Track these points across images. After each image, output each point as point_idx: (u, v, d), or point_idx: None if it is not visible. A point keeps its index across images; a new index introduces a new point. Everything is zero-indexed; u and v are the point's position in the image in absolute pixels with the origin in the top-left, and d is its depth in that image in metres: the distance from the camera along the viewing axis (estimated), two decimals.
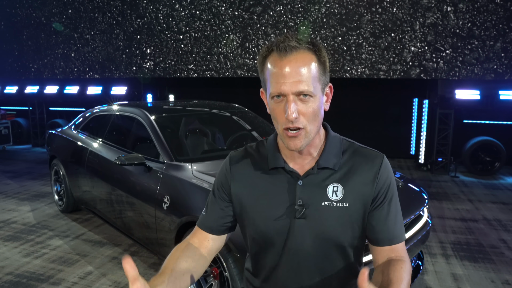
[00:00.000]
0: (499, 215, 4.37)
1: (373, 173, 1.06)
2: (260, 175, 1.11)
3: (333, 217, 1.04)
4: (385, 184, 1.07)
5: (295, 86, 0.95)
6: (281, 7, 6.68)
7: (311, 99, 0.97)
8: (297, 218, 1.05)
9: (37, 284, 2.86)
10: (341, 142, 1.11)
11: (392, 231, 1.07)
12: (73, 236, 3.77)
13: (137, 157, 2.86)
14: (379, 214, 1.07)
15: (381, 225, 1.07)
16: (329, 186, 1.05)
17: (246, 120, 3.74)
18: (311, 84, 0.96)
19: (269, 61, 1.00)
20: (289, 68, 0.96)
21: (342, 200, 1.04)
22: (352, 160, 1.08)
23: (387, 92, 7.33)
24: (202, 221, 1.18)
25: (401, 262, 1.05)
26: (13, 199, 4.95)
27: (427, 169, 6.63)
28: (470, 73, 6.03)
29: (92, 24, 8.00)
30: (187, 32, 7.32)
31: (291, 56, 0.97)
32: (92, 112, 4.22)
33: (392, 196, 1.09)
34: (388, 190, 1.08)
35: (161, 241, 2.73)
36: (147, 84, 8.04)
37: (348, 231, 1.06)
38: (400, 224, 1.10)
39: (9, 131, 8.50)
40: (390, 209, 1.08)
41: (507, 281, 2.90)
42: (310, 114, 0.98)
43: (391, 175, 1.10)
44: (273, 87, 0.98)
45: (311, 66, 0.97)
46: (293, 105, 0.96)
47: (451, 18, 5.95)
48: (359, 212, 1.06)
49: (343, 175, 1.06)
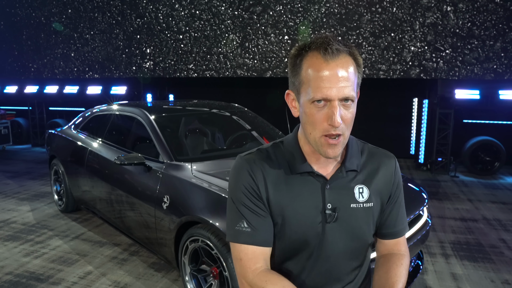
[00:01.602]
0: (498, 214, 4.37)
1: (390, 173, 1.13)
2: (284, 180, 1.05)
3: (361, 218, 1.07)
4: (398, 182, 1.15)
5: (341, 92, 0.92)
6: (281, 7, 6.68)
7: (352, 104, 0.96)
8: (328, 222, 1.03)
9: (36, 284, 2.86)
10: (357, 143, 1.14)
11: (398, 226, 1.16)
12: (73, 236, 3.76)
13: (136, 157, 2.86)
14: (391, 211, 1.14)
15: (391, 221, 1.15)
16: (355, 188, 1.07)
17: (246, 120, 3.74)
18: (354, 89, 0.95)
19: (307, 62, 0.95)
20: (335, 72, 0.92)
21: (367, 201, 1.08)
22: (371, 161, 1.12)
23: (387, 92, 7.33)
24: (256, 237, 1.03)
25: (400, 257, 1.14)
26: (13, 199, 4.95)
27: (427, 169, 6.63)
28: (470, 73, 6.03)
29: (91, 24, 8.00)
30: (187, 32, 7.31)
31: (337, 60, 0.92)
32: (92, 112, 4.22)
33: (401, 193, 1.17)
34: (400, 187, 1.16)
35: (161, 241, 2.73)
36: (147, 84, 8.03)
37: (370, 230, 1.11)
38: (405, 218, 1.19)
39: (9, 131, 8.49)
40: (400, 205, 1.16)
41: (507, 281, 2.90)
42: (350, 120, 0.97)
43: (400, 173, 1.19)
44: (316, 91, 0.93)
45: (353, 71, 0.95)
46: (338, 111, 0.93)
47: (451, 18, 5.95)
48: (378, 211, 1.11)
49: (366, 176, 1.09)
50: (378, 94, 7.38)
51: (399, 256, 1.14)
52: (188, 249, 2.46)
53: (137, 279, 2.93)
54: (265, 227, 1.04)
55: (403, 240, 1.19)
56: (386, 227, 1.15)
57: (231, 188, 1.08)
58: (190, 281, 2.51)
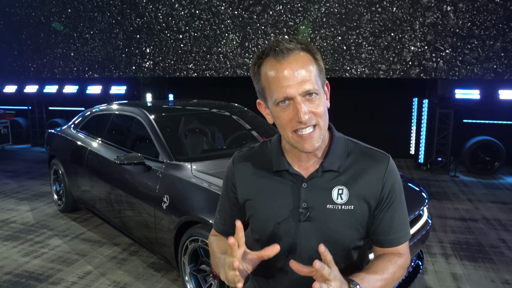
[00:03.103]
0: (498, 214, 4.37)
1: (379, 175, 1.04)
2: (265, 177, 1.09)
3: (338, 220, 1.03)
4: (391, 186, 1.05)
5: (301, 87, 0.93)
6: (281, 7, 6.67)
7: (317, 97, 0.96)
8: (301, 221, 1.04)
9: (36, 283, 2.86)
10: (345, 143, 1.09)
11: (395, 233, 1.06)
12: (72, 235, 3.76)
13: (136, 157, 2.85)
14: (384, 216, 1.05)
15: (385, 228, 1.06)
16: (334, 189, 1.03)
17: (245, 120, 3.73)
18: (315, 82, 0.95)
19: (264, 68, 0.97)
20: (290, 69, 0.93)
21: (347, 203, 1.03)
22: (357, 162, 1.06)
23: (386, 91, 7.33)
24: (218, 226, 1.23)
25: (395, 256, 1.06)
26: (12, 199, 4.94)
27: (427, 169, 6.63)
28: (469, 72, 6.03)
29: (91, 23, 7.99)
30: (187, 32, 7.31)
31: (289, 57, 0.94)
32: (91, 112, 4.21)
33: (397, 198, 1.07)
34: (394, 192, 1.06)
35: (161, 241, 2.72)
36: (147, 83, 8.03)
37: (353, 234, 1.05)
38: (404, 225, 1.09)
39: (9, 131, 8.49)
40: (396, 211, 1.06)
41: (507, 281, 2.89)
42: (321, 112, 0.97)
43: (397, 176, 1.08)
44: (277, 92, 0.95)
45: (311, 65, 0.96)
46: (303, 106, 0.93)
47: (451, 17, 5.94)
48: (364, 215, 1.04)
49: (348, 178, 1.04)
50: (378, 94, 7.38)
51: (391, 255, 1.06)
52: (188, 249, 2.45)
53: (137, 279, 2.92)
54: (227, 220, 1.19)
55: (403, 247, 1.09)
56: (379, 234, 1.07)
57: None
58: (190, 281, 2.50)
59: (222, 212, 1.20)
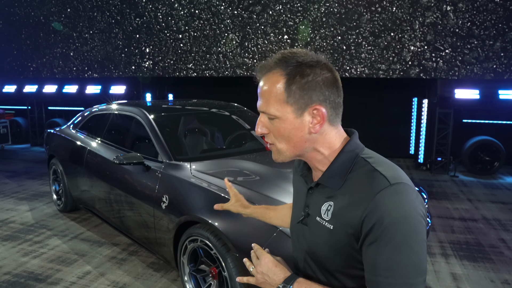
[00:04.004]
0: (498, 214, 4.37)
1: (365, 203, 0.89)
2: (297, 177, 1.21)
3: (321, 236, 0.99)
4: (378, 220, 0.86)
5: (259, 105, 1.02)
6: (281, 6, 6.67)
7: (276, 120, 0.99)
8: (299, 222, 1.10)
9: (35, 284, 2.85)
10: (353, 160, 0.98)
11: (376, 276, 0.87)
12: (72, 235, 3.75)
13: (135, 157, 2.85)
14: (366, 253, 0.90)
15: (367, 266, 0.90)
16: (325, 204, 1.00)
17: (245, 120, 3.73)
18: (271, 105, 0.98)
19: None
20: (259, 87, 1.01)
21: (329, 221, 0.97)
22: (354, 183, 0.95)
23: (386, 91, 7.32)
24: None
25: None
26: (12, 199, 4.94)
27: (427, 169, 6.63)
28: (469, 72, 6.03)
29: (91, 23, 7.98)
30: (186, 31, 7.30)
31: (263, 75, 1.01)
32: (91, 112, 4.21)
33: (389, 239, 0.85)
34: (382, 229, 0.86)
35: (160, 241, 2.72)
36: (146, 83, 8.02)
37: (333, 256, 0.97)
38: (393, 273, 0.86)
39: (8, 131, 8.48)
40: (381, 253, 0.86)
41: (507, 281, 2.89)
42: (276, 133, 1.00)
43: (394, 211, 0.86)
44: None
45: (275, 87, 0.96)
46: (259, 121, 1.03)
47: (451, 17, 5.94)
48: (343, 240, 0.93)
49: (339, 197, 0.96)
50: (377, 94, 7.38)
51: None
52: (187, 249, 2.45)
53: (136, 279, 2.92)
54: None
55: None
56: (365, 271, 0.91)
57: None
58: (189, 281, 2.50)
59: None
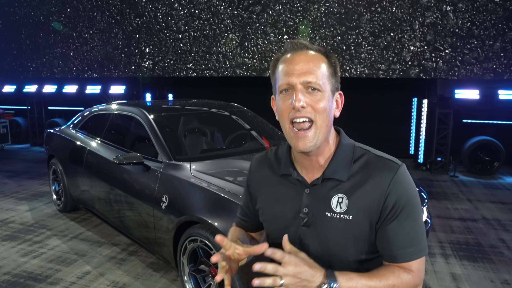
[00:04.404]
0: (498, 214, 4.37)
1: (383, 186, 0.96)
2: (273, 180, 1.12)
3: (336, 230, 0.99)
4: (397, 198, 0.96)
5: (303, 76, 0.94)
6: (280, 6, 6.67)
7: (319, 93, 0.95)
8: (301, 225, 1.04)
9: (35, 284, 2.85)
10: (353, 150, 1.04)
11: (402, 249, 0.97)
12: (71, 235, 3.75)
13: (135, 157, 2.85)
14: (387, 230, 0.97)
15: (389, 242, 0.97)
16: (334, 197, 1.00)
17: (245, 119, 3.73)
18: (319, 78, 0.95)
19: (280, 61, 1.01)
20: (299, 61, 0.96)
21: (345, 212, 0.98)
22: (363, 171, 1.00)
23: (386, 91, 7.32)
24: (238, 220, 1.30)
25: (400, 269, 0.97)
26: (11, 199, 4.93)
27: (426, 169, 6.63)
28: (469, 72, 6.03)
29: (90, 23, 7.98)
30: (186, 31, 7.30)
31: (302, 52, 0.97)
32: (90, 111, 4.21)
33: (406, 211, 0.97)
34: (402, 205, 0.96)
35: (160, 241, 2.72)
36: (146, 83, 8.02)
37: (352, 246, 1.00)
38: (416, 241, 0.98)
39: (8, 130, 8.47)
40: (402, 226, 0.97)
41: (506, 281, 2.89)
42: (319, 107, 0.95)
43: (408, 188, 0.98)
44: (281, 80, 0.97)
45: (321, 64, 0.97)
46: (300, 94, 0.94)
47: (451, 17, 5.94)
48: (364, 226, 0.98)
49: (350, 187, 0.99)
50: (377, 94, 7.38)
51: (397, 267, 0.97)
52: (187, 249, 2.45)
53: (136, 279, 2.92)
54: (245, 217, 1.27)
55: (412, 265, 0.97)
56: (384, 248, 0.99)
57: None
58: (189, 281, 2.50)
59: (242, 209, 1.28)
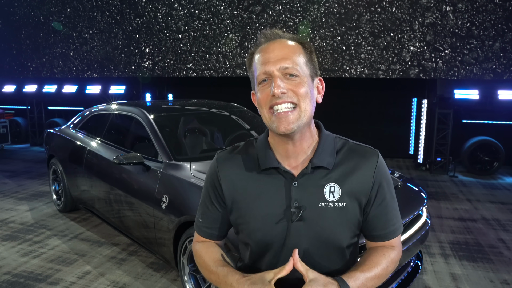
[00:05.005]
0: (497, 215, 4.37)
1: (370, 172, 1.03)
2: (251, 176, 1.05)
3: (331, 219, 1.01)
4: (382, 182, 1.05)
5: (279, 63, 0.94)
6: (280, 7, 6.67)
7: (298, 78, 0.95)
8: (294, 221, 1.00)
9: (34, 284, 2.85)
10: (334, 140, 1.08)
11: (389, 227, 1.07)
12: (71, 235, 3.75)
13: (135, 157, 2.85)
14: (376, 212, 1.05)
15: (378, 223, 1.06)
16: (326, 186, 1.01)
17: (245, 120, 3.73)
18: (296, 63, 0.95)
19: (255, 53, 1.00)
20: (274, 49, 0.96)
21: (339, 200, 1.01)
22: (347, 159, 1.04)
23: (386, 92, 7.33)
24: (202, 230, 1.16)
25: (388, 249, 1.06)
26: (11, 199, 4.93)
27: (426, 169, 6.63)
28: (469, 73, 6.03)
29: (90, 23, 7.98)
30: (186, 32, 7.30)
31: (276, 41, 0.97)
32: (90, 111, 4.21)
33: (388, 193, 1.07)
34: (385, 187, 1.06)
35: (160, 241, 2.72)
36: (146, 83, 8.02)
37: (346, 232, 1.04)
38: (397, 219, 1.09)
39: (7, 130, 8.47)
40: (387, 206, 1.06)
41: (506, 281, 2.90)
42: (301, 92, 0.95)
43: (386, 171, 1.08)
44: (258, 70, 0.97)
45: (296, 50, 0.97)
46: (279, 80, 0.93)
47: (450, 18, 5.94)
48: (355, 212, 1.03)
49: (340, 175, 1.02)
50: (377, 94, 7.38)
51: (384, 248, 1.06)
52: (187, 249, 2.45)
53: (136, 279, 2.92)
54: (214, 223, 1.14)
55: (395, 241, 1.10)
56: (373, 229, 1.07)
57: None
58: (189, 281, 2.50)
59: (205, 215, 1.14)
